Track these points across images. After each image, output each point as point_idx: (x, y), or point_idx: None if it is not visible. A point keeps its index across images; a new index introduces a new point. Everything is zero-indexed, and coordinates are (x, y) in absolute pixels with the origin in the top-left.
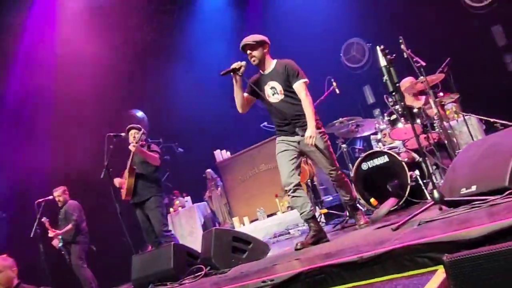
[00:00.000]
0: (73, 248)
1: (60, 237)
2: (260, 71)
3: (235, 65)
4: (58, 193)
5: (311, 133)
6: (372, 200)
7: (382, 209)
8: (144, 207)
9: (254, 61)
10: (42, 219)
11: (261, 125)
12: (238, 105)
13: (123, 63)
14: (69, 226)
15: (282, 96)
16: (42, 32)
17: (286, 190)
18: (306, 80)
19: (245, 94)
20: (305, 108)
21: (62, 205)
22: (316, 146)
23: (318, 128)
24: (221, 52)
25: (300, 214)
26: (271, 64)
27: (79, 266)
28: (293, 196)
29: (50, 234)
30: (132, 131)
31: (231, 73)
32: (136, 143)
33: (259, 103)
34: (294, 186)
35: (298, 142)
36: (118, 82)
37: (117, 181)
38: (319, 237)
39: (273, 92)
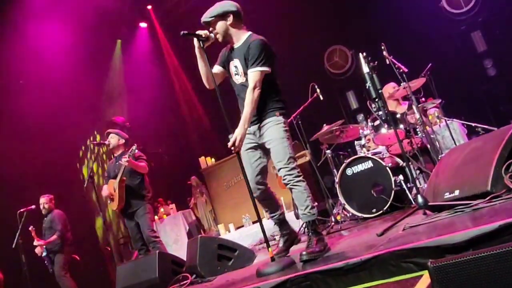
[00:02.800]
0: (57, 258)
1: (44, 246)
2: (229, 45)
3: (201, 32)
4: (45, 201)
5: (236, 134)
6: (270, 250)
7: (273, 267)
8: (134, 215)
9: (218, 38)
10: (29, 228)
11: None
12: (204, 77)
13: (103, 68)
14: (54, 236)
15: (244, 79)
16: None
17: (254, 195)
18: (264, 69)
19: (218, 67)
20: (246, 104)
21: (47, 213)
22: (271, 136)
23: (276, 116)
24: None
25: (272, 217)
26: (242, 37)
27: (62, 276)
28: (261, 202)
29: (35, 243)
30: (108, 137)
31: (194, 38)
32: (129, 157)
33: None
34: (263, 191)
35: (253, 133)
36: (101, 89)
37: (105, 190)
38: (291, 240)
39: (236, 72)
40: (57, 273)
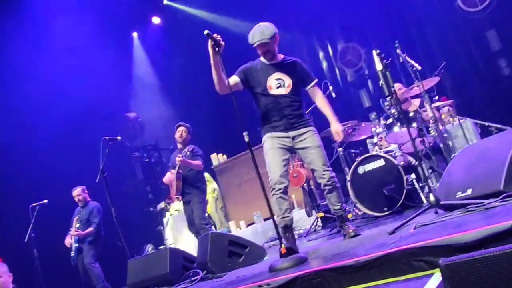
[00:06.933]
0: (87, 248)
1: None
2: (264, 60)
3: (219, 38)
4: (77, 193)
5: (339, 127)
6: (283, 246)
7: (285, 263)
8: (190, 203)
9: (268, 55)
10: (74, 218)
11: (259, 128)
12: (217, 81)
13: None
14: (91, 228)
15: (288, 91)
16: None
17: (274, 188)
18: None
19: (235, 78)
20: (327, 106)
21: (83, 205)
22: (314, 143)
23: (313, 126)
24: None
25: (281, 218)
26: (278, 57)
27: (91, 264)
28: (280, 197)
29: (72, 233)
30: (180, 128)
31: (213, 42)
32: (182, 157)
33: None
34: (285, 187)
35: (293, 138)
36: (117, 85)
37: (168, 177)
38: (293, 251)
39: (278, 85)
40: (87, 261)
